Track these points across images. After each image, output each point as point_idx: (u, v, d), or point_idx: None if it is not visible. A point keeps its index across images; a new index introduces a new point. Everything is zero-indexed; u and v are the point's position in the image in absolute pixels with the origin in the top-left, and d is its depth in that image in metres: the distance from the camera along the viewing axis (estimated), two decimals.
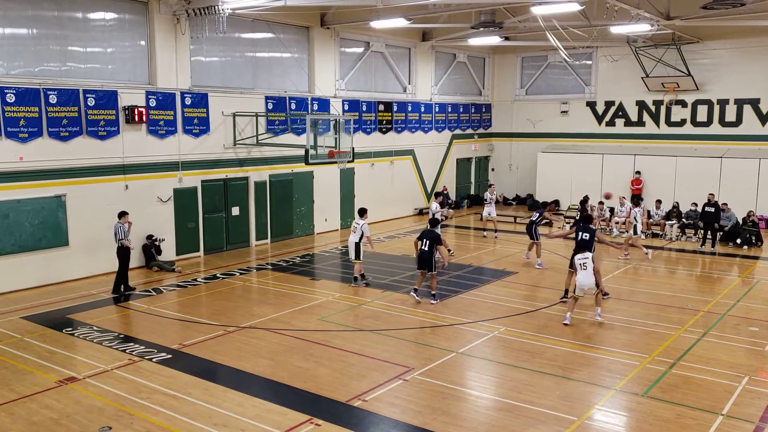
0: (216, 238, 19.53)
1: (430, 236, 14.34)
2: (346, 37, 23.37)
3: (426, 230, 14.81)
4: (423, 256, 14.26)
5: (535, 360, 10.80)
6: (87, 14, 16.27)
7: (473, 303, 14.28)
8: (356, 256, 15.62)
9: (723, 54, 25.28)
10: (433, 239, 14.27)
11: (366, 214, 15.88)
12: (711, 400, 9.19)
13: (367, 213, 15.98)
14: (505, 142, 31.51)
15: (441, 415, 8.76)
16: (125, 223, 14.97)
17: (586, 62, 28.46)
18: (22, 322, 12.94)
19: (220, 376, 10.23)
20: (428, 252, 14.17)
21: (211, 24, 17.22)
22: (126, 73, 17.17)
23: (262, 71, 20.75)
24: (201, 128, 18.69)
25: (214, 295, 15.03)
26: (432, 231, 14.79)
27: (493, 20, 22.00)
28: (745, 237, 20.54)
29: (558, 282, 15.20)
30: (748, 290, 15.46)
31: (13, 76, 15.03)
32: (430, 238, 14.27)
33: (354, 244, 15.57)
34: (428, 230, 14.80)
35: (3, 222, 14.88)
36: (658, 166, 25.73)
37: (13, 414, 8.86)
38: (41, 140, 15.36)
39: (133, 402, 9.19)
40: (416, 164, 27.27)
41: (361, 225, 15.52)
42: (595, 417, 8.78)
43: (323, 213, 22.94)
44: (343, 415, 8.81)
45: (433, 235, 14.41)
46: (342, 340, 11.80)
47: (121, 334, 12.15)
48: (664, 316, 13.31)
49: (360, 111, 24.04)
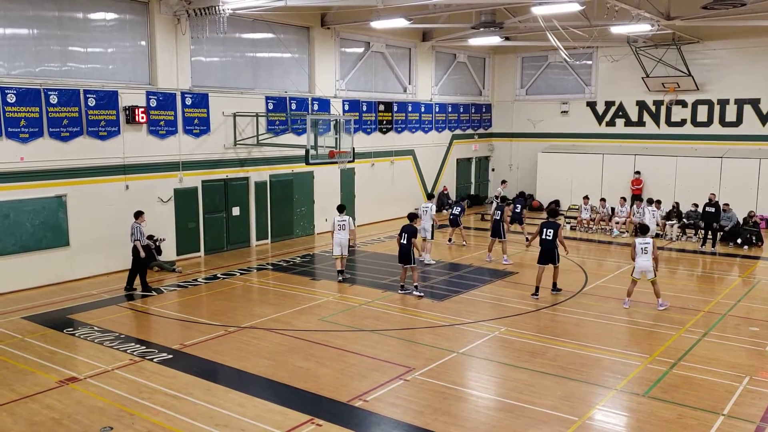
0: (216, 239, 19.53)
1: (408, 230, 14.81)
2: (346, 37, 23.38)
3: (405, 225, 15.10)
4: (402, 251, 14.81)
5: (536, 360, 10.80)
6: (87, 14, 16.27)
7: (474, 303, 14.29)
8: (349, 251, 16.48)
9: (723, 54, 25.28)
10: (410, 233, 14.75)
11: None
12: (712, 401, 9.20)
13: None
14: (506, 142, 31.52)
15: (442, 416, 8.76)
16: (141, 223, 15.10)
17: (586, 62, 28.46)
18: (23, 323, 12.95)
19: (221, 376, 10.23)
20: (407, 246, 14.69)
21: (212, 24, 17.23)
22: (126, 73, 17.17)
23: (263, 71, 20.76)
24: (201, 128, 18.70)
25: (214, 296, 15.04)
26: (410, 225, 15.08)
27: (494, 20, 21.99)
28: (746, 237, 20.54)
29: (561, 283, 15.19)
30: (749, 290, 15.47)
31: (14, 76, 15.03)
32: (408, 232, 14.76)
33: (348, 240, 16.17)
34: (407, 225, 15.07)
35: (4, 222, 14.89)
36: (659, 166, 25.74)
37: (15, 414, 8.87)
38: (42, 140, 15.36)
39: (134, 402, 9.20)
40: (416, 164, 27.27)
41: (348, 220, 16.20)
42: (596, 417, 8.79)
43: (324, 213, 22.92)
44: (344, 416, 8.81)
45: (410, 230, 14.86)
46: (343, 341, 11.81)
47: (122, 335, 12.16)
48: (665, 316, 13.31)
49: (360, 111, 24.05)
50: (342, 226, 16.04)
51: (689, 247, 20.63)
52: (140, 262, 15.11)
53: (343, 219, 16.14)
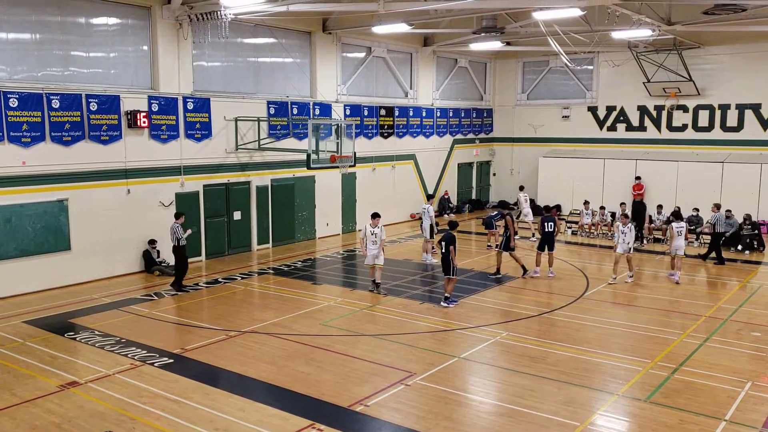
0: (218, 243, 19.54)
1: (447, 239, 14.19)
2: (347, 42, 23.42)
3: (445, 233, 14.50)
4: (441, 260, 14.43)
5: (537, 365, 10.79)
6: (90, 19, 16.32)
7: (475, 308, 14.28)
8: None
9: (724, 59, 25.31)
10: (448, 241, 14.13)
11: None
12: (714, 406, 9.18)
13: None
14: (507, 147, 31.54)
15: (443, 421, 8.75)
16: (181, 223, 15.41)
17: (587, 67, 28.49)
18: (24, 327, 12.95)
19: (222, 380, 10.23)
20: (446, 255, 14.12)
21: (214, 29, 17.29)
22: (128, 77, 17.21)
23: (264, 76, 20.80)
24: (203, 133, 18.72)
25: (215, 300, 15.04)
26: (449, 233, 14.41)
27: (495, 25, 22.04)
28: (746, 242, 20.51)
29: (562, 288, 15.20)
30: (750, 295, 15.44)
31: (16, 80, 15.07)
32: (446, 240, 14.14)
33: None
34: (447, 232, 14.47)
35: (5, 226, 14.90)
36: (660, 171, 25.72)
37: (16, 418, 8.86)
38: (44, 145, 15.39)
39: (135, 407, 9.19)
40: (418, 169, 27.29)
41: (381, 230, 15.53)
42: (597, 422, 8.77)
43: (325, 217, 22.95)
44: (345, 420, 8.80)
45: (449, 237, 14.23)
46: (344, 345, 11.80)
47: (122, 339, 12.15)
48: (666, 321, 13.30)
49: (362, 116, 24.08)
50: (374, 240, 15.32)
51: (691, 252, 20.57)
52: (184, 262, 15.36)
53: (377, 230, 15.38)
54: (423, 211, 18.98)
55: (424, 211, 18.89)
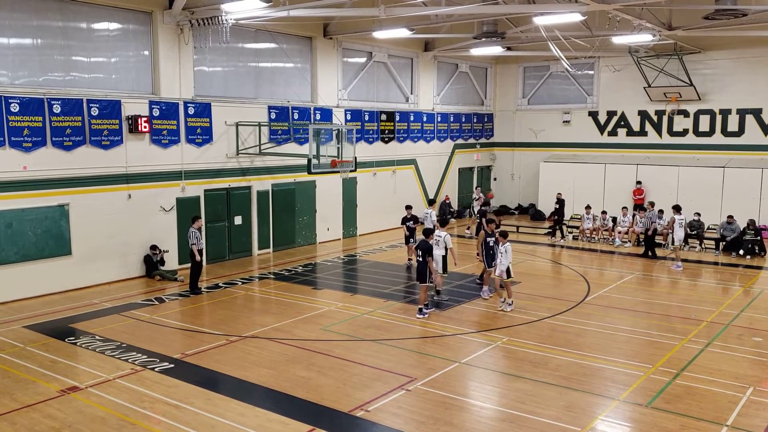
0: (218, 248, 19.53)
1: (422, 247, 13.84)
2: (348, 47, 23.47)
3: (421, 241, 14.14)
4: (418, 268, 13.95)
5: (538, 370, 10.77)
6: (91, 24, 16.36)
7: (476, 313, 14.26)
8: (443, 269, 14.94)
9: (725, 64, 25.34)
10: (425, 250, 13.75)
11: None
12: (715, 411, 9.15)
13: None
14: (507, 152, 31.55)
15: (444, 426, 8.73)
16: (198, 228, 15.66)
17: (588, 72, 28.54)
18: (25, 332, 12.94)
19: (222, 385, 10.21)
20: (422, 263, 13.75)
21: (215, 34, 17.30)
22: (129, 82, 17.24)
23: (265, 81, 20.83)
24: (204, 138, 18.75)
25: (216, 305, 15.03)
26: (425, 241, 14.00)
27: (496, 30, 22.07)
28: (747, 247, 20.48)
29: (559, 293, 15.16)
30: (752, 300, 15.42)
31: (18, 85, 15.10)
32: (423, 249, 13.78)
33: (441, 257, 14.74)
34: (422, 240, 14.07)
35: (6, 231, 14.91)
36: (661, 175, 25.74)
37: (16, 423, 8.85)
38: (45, 149, 15.41)
39: (136, 412, 9.18)
40: (418, 174, 27.29)
41: (444, 236, 14.74)
42: (598, 428, 8.74)
43: (326, 222, 22.95)
44: (345, 426, 8.78)
45: (425, 246, 13.83)
46: (344, 350, 11.78)
47: (123, 344, 12.14)
48: (668, 326, 13.28)
49: (362, 120, 24.10)
50: (437, 241, 14.58)
51: (692, 256, 20.56)
52: (198, 264, 15.72)
53: (439, 235, 14.72)
54: (425, 216, 18.98)
55: (426, 216, 18.89)
